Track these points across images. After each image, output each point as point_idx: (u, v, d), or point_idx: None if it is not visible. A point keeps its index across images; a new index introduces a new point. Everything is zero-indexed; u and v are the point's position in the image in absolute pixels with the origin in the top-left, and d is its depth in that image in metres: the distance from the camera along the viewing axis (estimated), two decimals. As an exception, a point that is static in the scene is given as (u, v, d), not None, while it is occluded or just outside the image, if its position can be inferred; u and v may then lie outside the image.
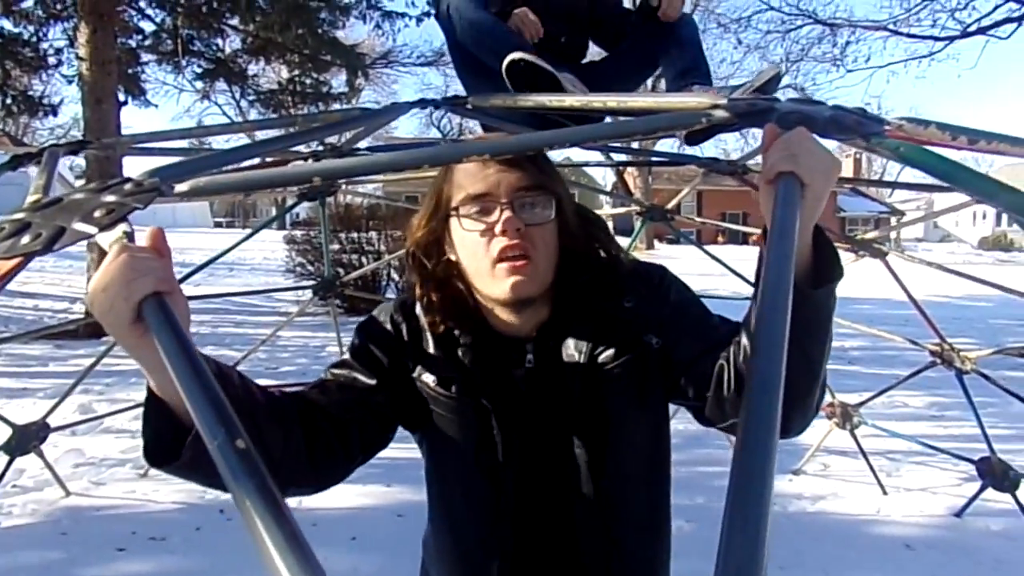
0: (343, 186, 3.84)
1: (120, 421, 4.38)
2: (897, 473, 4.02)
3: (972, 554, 3.09)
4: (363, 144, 2.55)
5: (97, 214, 0.76)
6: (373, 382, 0.96)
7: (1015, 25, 8.85)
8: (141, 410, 0.76)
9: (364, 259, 9.30)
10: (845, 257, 3.78)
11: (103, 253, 0.71)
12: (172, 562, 2.85)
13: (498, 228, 0.88)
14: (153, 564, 2.83)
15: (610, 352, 0.95)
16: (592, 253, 0.98)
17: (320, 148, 2.58)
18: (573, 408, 0.95)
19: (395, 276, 9.48)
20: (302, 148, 2.55)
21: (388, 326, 1.00)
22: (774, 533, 0.44)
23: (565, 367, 0.96)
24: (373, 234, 9.52)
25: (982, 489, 3.41)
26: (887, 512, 3.52)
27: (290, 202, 3.69)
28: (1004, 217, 43.95)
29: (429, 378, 0.96)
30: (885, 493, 3.71)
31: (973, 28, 9.29)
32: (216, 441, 0.46)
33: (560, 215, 0.93)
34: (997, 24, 9.06)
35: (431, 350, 0.97)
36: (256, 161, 2.22)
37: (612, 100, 1.31)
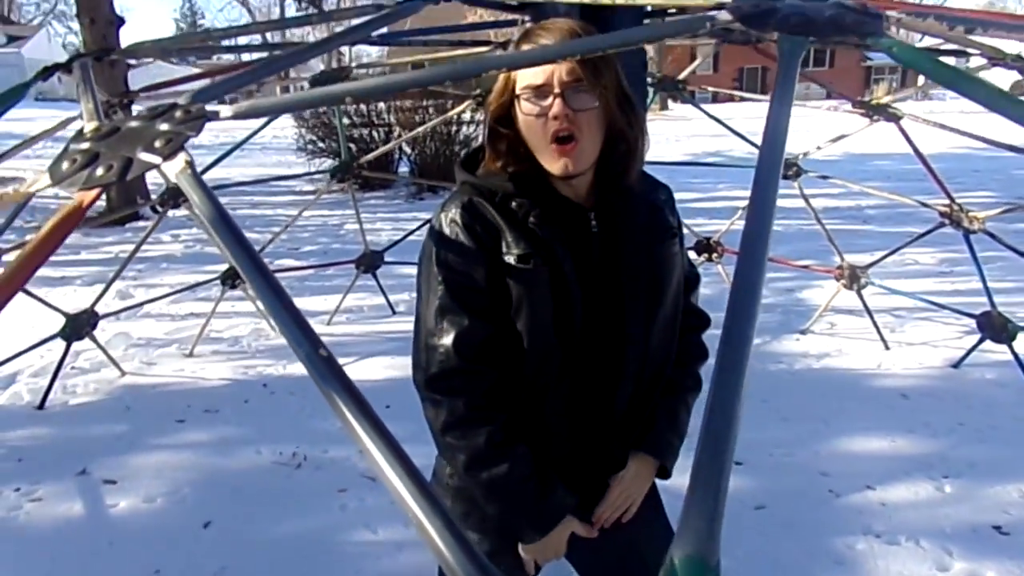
0: (354, 71, 3.79)
1: (159, 306, 4.62)
2: (901, 329, 4.19)
3: (963, 400, 3.30)
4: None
5: (158, 144, 0.84)
6: (487, 303, 1.15)
7: None
8: (178, 295, 0.85)
9: (375, 132, 9.21)
10: (860, 122, 3.75)
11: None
12: (227, 430, 3.15)
13: (551, 112, 1.08)
14: (211, 433, 3.13)
15: (661, 227, 1.22)
16: (626, 132, 1.16)
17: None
18: (639, 266, 1.18)
19: (407, 149, 9.42)
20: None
21: (465, 239, 1.15)
22: (779, 389, 0.53)
23: (632, 233, 1.18)
24: (382, 105, 9.36)
25: (980, 341, 3.57)
26: (888, 366, 3.72)
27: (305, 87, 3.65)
28: (1041, 58, 41.47)
29: (511, 258, 1.14)
30: (887, 348, 3.90)
31: None
32: (303, 351, 0.58)
33: (604, 101, 1.11)
34: None
35: (509, 234, 1.14)
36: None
37: (622, -8, 1.31)
